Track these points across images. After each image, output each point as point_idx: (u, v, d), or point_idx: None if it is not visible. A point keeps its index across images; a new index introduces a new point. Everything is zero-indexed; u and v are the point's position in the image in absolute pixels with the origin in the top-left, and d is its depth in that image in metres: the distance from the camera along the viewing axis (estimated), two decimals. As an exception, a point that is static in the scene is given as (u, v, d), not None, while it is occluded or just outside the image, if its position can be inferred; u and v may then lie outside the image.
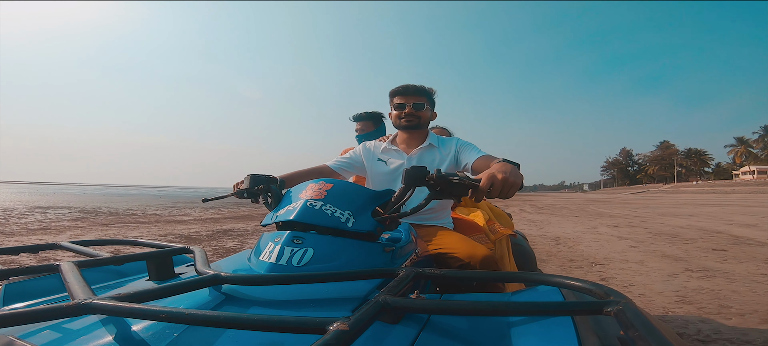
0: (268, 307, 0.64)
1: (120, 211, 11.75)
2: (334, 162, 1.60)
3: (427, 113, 1.52)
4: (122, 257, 0.87)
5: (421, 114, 1.49)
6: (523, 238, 2.24)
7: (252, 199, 1.09)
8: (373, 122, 2.33)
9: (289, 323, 0.44)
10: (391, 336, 0.56)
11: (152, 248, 0.98)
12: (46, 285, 0.87)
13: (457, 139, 1.54)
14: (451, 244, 1.26)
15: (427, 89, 1.53)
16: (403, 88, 1.52)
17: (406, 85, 1.51)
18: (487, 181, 0.89)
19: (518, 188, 0.92)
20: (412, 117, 1.49)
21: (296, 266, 0.74)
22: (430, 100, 1.54)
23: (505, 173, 0.91)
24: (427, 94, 1.53)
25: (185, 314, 0.46)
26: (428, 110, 1.52)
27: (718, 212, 12.15)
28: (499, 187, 0.89)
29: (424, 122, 1.52)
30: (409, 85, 1.51)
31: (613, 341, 0.46)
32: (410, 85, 1.51)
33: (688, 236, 6.38)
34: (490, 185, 0.89)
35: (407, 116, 1.49)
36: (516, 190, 0.92)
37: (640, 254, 4.85)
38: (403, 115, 1.50)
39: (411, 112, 1.49)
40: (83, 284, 0.60)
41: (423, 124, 1.52)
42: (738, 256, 4.57)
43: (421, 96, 1.51)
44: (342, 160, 1.61)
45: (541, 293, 0.68)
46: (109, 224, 8.24)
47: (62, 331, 0.56)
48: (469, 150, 1.46)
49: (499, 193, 0.90)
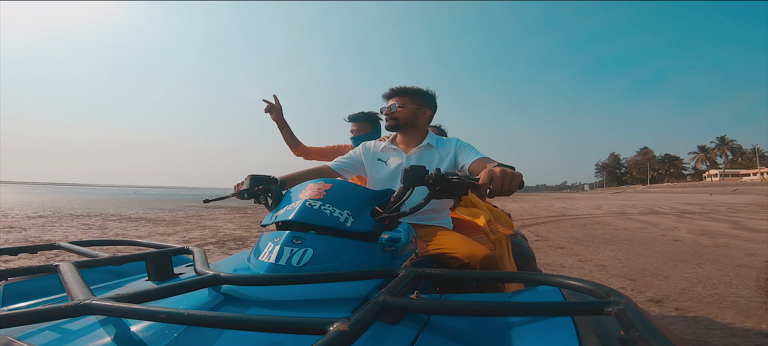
0: (267, 307, 0.64)
1: (163, 215, 10.86)
2: (335, 162, 1.60)
3: (408, 112, 1.51)
4: (121, 257, 0.87)
5: (397, 114, 1.50)
6: (523, 238, 2.24)
7: (253, 199, 1.09)
8: (370, 123, 2.28)
9: (288, 324, 0.44)
10: (391, 336, 0.56)
11: (151, 248, 0.98)
12: (44, 285, 0.87)
13: (457, 140, 1.54)
14: (450, 244, 1.26)
15: (412, 88, 1.53)
16: (388, 91, 1.55)
17: (390, 88, 1.54)
18: (487, 177, 0.89)
19: (519, 185, 0.92)
20: (389, 118, 1.52)
21: (296, 267, 0.74)
22: (416, 98, 1.53)
23: (503, 170, 0.91)
24: (410, 93, 1.52)
25: (184, 314, 0.46)
26: (410, 109, 1.51)
27: (644, 199, 24.26)
28: (499, 182, 0.89)
29: (404, 122, 1.52)
30: (392, 87, 1.54)
31: (613, 341, 0.46)
32: (392, 87, 1.54)
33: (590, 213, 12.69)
34: (489, 180, 0.89)
35: (386, 117, 1.53)
36: (517, 185, 0.91)
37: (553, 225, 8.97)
38: (386, 117, 1.54)
39: (388, 113, 1.52)
40: (82, 284, 0.60)
41: (404, 124, 1.52)
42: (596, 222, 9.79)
43: (399, 96, 1.52)
44: (342, 160, 1.61)
45: (542, 293, 0.68)
46: (168, 226, 7.89)
47: (61, 331, 0.56)
48: (468, 151, 1.46)
49: (500, 188, 0.89)
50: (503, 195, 0.92)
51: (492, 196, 0.91)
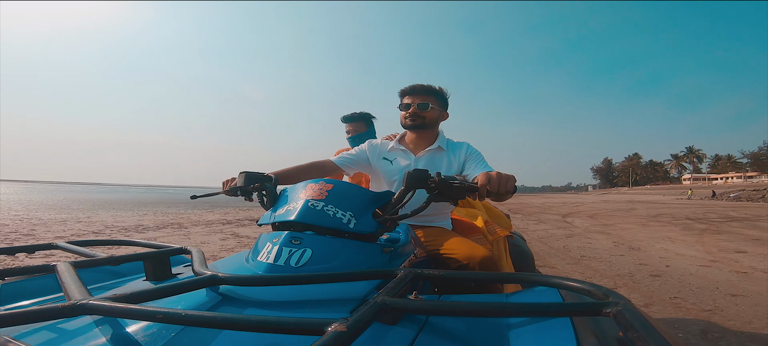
0: (265, 308, 0.64)
1: (146, 220, 9.63)
2: (339, 157, 1.57)
3: (434, 114, 1.49)
4: (119, 257, 0.86)
5: (426, 114, 1.47)
6: (521, 238, 2.24)
7: (245, 197, 1.08)
8: (365, 123, 2.30)
9: (286, 324, 0.44)
10: (389, 337, 0.56)
11: (149, 248, 0.98)
12: (42, 285, 0.87)
13: (468, 146, 1.52)
14: (449, 245, 1.26)
15: (437, 89, 1.50)
16: (411, 87, 1.50)
17: (414, 85, 1.49)
18: (485, 179, 0.96)
19: (513, 187, 0.99)
20: (416, 117, 1.47)
21: (294, 267, 0.74)
22: (439, 100, 1.51)
23: (499, 173, 0.98)
24: (436, 93, 1.49)
25: (182, 314, 0.46)
26: (436, 111, 1.49)
27: (613, 198, 29.56)
28: (496, 184, 0.96)
29: (429, 123, 1.49)
30: (418, 84, 1.49)
31: (612, 342, 0.46)
32: (418, 84, 1.49)
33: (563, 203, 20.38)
34: (487, 182, 0.96)
35: (412, 116, 1.47)
36: (511, 186, 0.99)
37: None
38: (409, 115, 1.48)
39: (415, 112, 1.46)
40: (79, 284, 0.60)
41: (428, 124, 1.49)
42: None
43: (427, 96, 1.48)
44: (347, 155, 1.58)
45: (540, 294, 0.68)
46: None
47: (58, 331, 0.56)
48: (477, 161, 1.44)
49: (497, 190, 0.96)
50: (499, 197, 0.98)
51: (490, 198, 0.98)
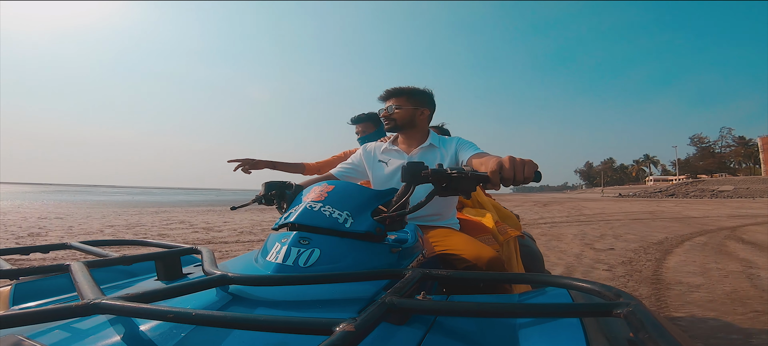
0: (274, 307, 0.64)
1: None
2: (338, 169, 1.61)
3: (405, 113, 1.49)
4: (131, 257, 0.88)
5: (395, 116, 1.49)
6: (531, 239, 2.22)
7: (268, 204, 1.16)
8: (373, 123, 2.29)
9: (295, 324, 0.44)
10: (397, 337, 0.56)
11: (161, 248, 0.99)
12: (55, 285, 0.89)
13: (458, 138, 1.53)
14: (457, 245, 1.25)
15: (406, 88, 1.50)
16: (382, 94, 1.53)
17: (384, 91, 1.52)
18: (496, 166, 0.85)
19: (534, 173, 0.85)
20: (387, 120, 1.51)
21: (303, 267, 0.74)
22: (411, 98, 1.50)
23: (513, 157, 0.85)
24: (404, 93, 1.50)
25: (192, 314, 0.47)
26: (407, 110, 1.49)
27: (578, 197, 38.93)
28: (511, 170, 0.84)
29: (402, 123, 1.50)
30: (386, 89, 1.52)
31: (622, 343, 0.45)
32: (386, 89, 1.52)
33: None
34: (499, 169, 0.85)
35: (384, 120, 1.52)
36: (531, 172, 0.85)
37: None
38: (383, 120, 1.52)
39: (385, 115, 1.50)
40: (92, 284, 0.61)
41: (402, 125, 1.50)
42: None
43: (391, 98, 1.50)
44: (344, 166, 1.61)
45: (549, 295, 0.68)
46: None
47: (71, 331, 0.57)
48: (467, 148, 1.44)
49: (513, 176, 0.84)
50: (517, 183, 0.87)
51: (507, 185, 0.85)
